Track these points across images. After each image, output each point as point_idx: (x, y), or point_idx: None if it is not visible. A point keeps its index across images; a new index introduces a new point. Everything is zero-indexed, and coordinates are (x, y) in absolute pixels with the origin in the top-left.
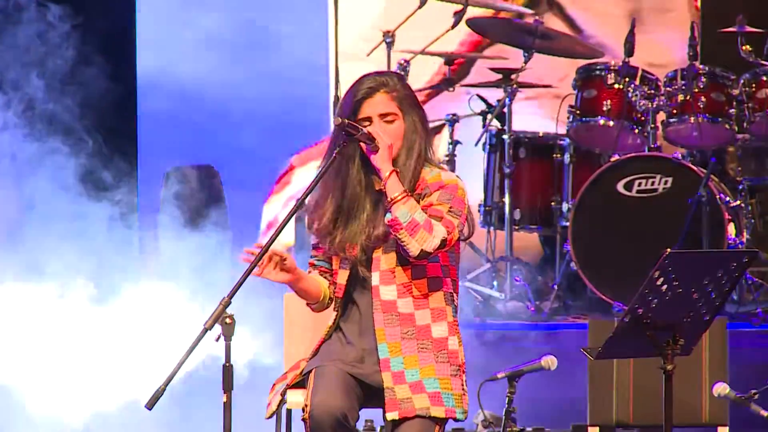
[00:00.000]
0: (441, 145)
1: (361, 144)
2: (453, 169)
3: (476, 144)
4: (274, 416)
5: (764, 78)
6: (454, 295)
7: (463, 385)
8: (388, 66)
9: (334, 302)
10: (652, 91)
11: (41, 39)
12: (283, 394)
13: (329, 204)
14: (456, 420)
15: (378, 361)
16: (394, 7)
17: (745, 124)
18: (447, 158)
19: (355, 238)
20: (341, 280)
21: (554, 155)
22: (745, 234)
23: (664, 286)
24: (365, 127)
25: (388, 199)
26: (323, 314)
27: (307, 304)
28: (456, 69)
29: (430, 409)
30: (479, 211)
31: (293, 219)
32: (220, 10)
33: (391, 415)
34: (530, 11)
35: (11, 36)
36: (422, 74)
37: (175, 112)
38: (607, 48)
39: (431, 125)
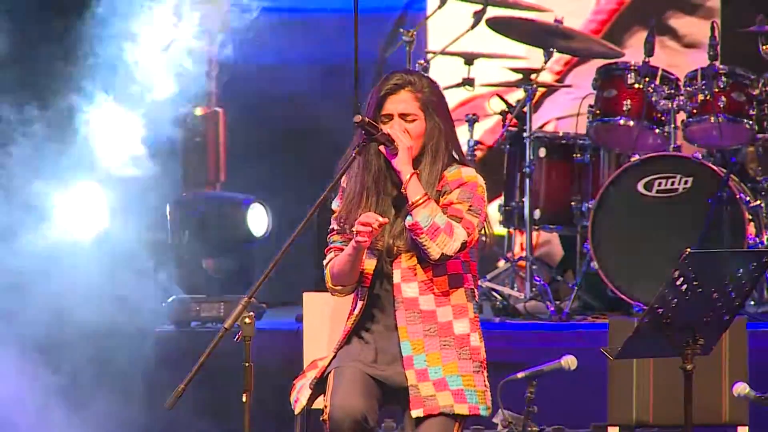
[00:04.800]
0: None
1: (381, 147)
2: None
3: (496, 144)
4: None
5: None
6: (475, 290)
7: (485, 381)
8: (409, 66)
9: (359, 291)
10: (672, 91)
11: None
12: (313, 388)
13: (360, 192)
14: (480, 416)
15: (396, 360)
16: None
17: (765, 124)
18: (468, 158)
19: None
20: (368, 268)
21: (574, 155)
22: (765, 234)
23: (684, 286)
24: (385, 124)
25: (409, 202)
26: (342, 311)
27: (335, 289)
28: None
29: (454, 406)
30: (499, 211)
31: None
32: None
33: (416, 413)
34: (550, 9)
35: None
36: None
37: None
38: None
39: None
